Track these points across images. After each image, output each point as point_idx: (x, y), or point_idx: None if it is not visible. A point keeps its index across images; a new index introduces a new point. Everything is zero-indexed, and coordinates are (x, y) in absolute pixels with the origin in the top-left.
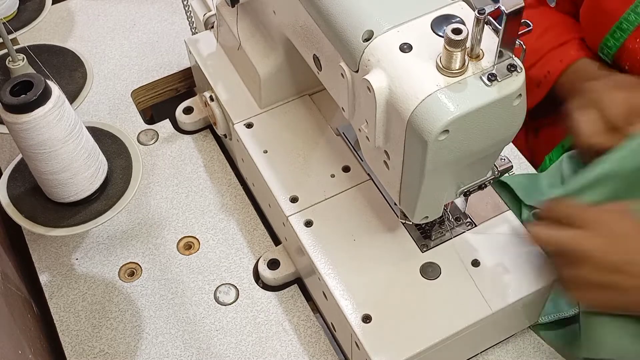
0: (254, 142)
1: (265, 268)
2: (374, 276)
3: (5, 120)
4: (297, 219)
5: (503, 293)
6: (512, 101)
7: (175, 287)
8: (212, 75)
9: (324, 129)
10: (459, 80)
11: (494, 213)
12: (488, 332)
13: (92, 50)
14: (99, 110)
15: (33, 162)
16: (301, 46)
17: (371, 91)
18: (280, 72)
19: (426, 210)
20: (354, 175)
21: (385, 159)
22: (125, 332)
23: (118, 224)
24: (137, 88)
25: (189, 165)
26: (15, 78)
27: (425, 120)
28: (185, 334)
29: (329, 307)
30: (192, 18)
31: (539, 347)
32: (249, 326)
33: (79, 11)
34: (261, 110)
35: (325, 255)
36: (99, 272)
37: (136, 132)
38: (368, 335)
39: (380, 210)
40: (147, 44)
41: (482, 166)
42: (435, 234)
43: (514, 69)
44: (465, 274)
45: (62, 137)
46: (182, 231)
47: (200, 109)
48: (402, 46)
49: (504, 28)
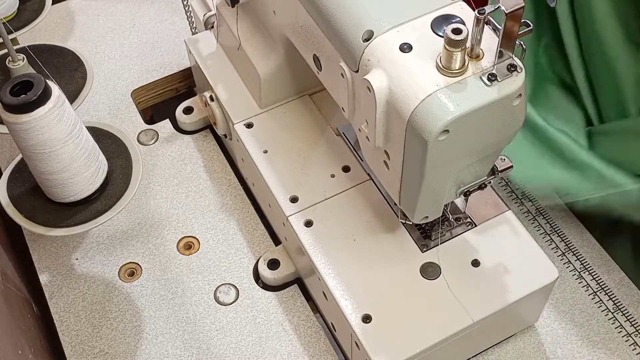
0: (254, 142)
1: (265, 268)
2: (373, 276)
3: (5, 120)
4: (297, 219)
5: (503, 293)
6: (512, 101)
7: (175, 287)
8: (212, 75)
9: (324, 129)
10: (459, 80)
11: (494, 213)
12: (488, 332)
13: (92, 50)
14: (99, 110)
15: (33, 162)
16: (301, 46)
17: (371, 91)
18: (280, 72)
19: (426, 210)
20: (354, 175)
21: (385, 159)
22: (125, 332)
23: (118, 224)
24: (137, 88)
25: (189, 165)
26: (15, 78)
27: (425, 120)
28: (185, 334)
29: (329, 307)
30: (192, 18)
31: (539, 347)
32: (249, 326)
33: (79, 11)
34: (261, 110)
35: (325, 255)
36: (99, 272)
37: (136, 132)
38: (368, 335)
39: (380, 210)
40: (147, 44)
41: (482, 166)
42: (435, 234)
43: (514, 69)
44: (465, 274)
45: (62, 137)
46: (182, 231)
47: (200, 109)
48: (402, 46)
49: (504, 28)
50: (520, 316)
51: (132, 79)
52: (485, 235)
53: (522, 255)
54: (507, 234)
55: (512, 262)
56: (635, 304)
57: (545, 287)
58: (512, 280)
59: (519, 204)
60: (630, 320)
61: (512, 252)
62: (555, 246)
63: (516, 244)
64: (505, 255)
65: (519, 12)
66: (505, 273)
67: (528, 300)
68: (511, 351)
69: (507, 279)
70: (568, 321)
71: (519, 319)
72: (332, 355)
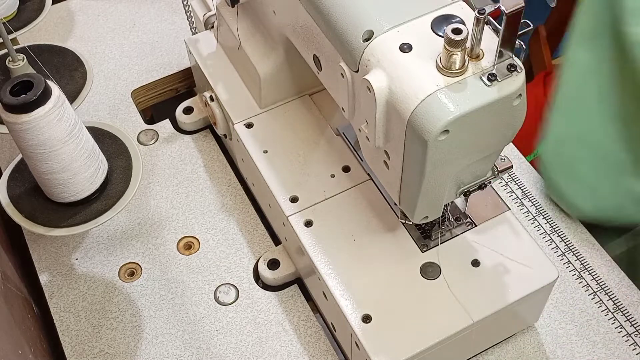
0: (254, 142)
1: (265, 268)
2: (374, 276)
3: (5, 120)
4: (297, 219)
5: (503, 293)
6: (512, 101)
7: (175, 287)
8: (212, 75)
9: (324, 129)
10: (459, 80)
11: (494, 213)
12: (488, 332)
13: (92, 50)
14: (99, 110)
15: (33, 162)
16: (301, 46)
17: (371, 91)
18: (280, 72)
19: (426, 210)
20: (354, 175)
21: (385, 159)
22: (125, 332)
23: (118, 224)
24: (137, 88)
25: (189, 165)
26: (15, 78)
27: (425, 120)
28: (185, 334)
29: (329, 307)
30: (192, 18)
31: (539, 347)
32: (249, 326)
33: (79, 11)
34: (261, 110)
35: (325, 255)
36: (99, 272)
37: (136, 132)
38: (368, 335)
39: (380, 210)
40: (147, 44)
41: (482, 166)
42: (435, 234)
43: (514, 69)
44: (465, 274)
45: (62, 137)
46: (182, 231)
47: (200, 109)
48: (402, 46)
49: (504, 28)
50: (520, 316)
51: (132, 79)
52: (485, 235)
53: (522, 255)
54: (507, 234)
55: (512, 262)
56: (635, 304)
57: (545, 287)
58: (512, 280)
59: (519, 204)
60: (630, 320)
61: (512, 252)
62: (555, 246)
63: (516, 244)
64: (505, 255)
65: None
66: (505, 273)
67: (528, 300)
68: (511, 351)
69: (507, 279)
70: (568, 321)
71: (519, 319)
72: (332, 355)
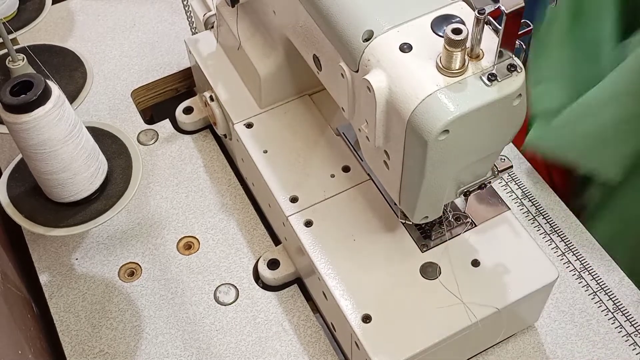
0: (253, 142)
1: (265, 268)
2: (373, 276)
3: (5, 120)
4: (297, 219)
5: (503, 293)
6: (512, 101)
7: (175, 287)
8: (212, 75)
9: (324, 129)
10: (459, 80)
11: (494, 213)
12: (488, 332)
13: (92, 50)
14: (99, 110)
15: (33, 162)
16: (301, 46)
17: (371, 91)
18: (280, 72)
19: (426, 210)
20: (354, 175)
21: (385, 159)
22: (125, 332)
23: (118, 224)
24: (137, 88)
25: (189, 165)
26: (15, 78)
27: (425, 120)
28: (185, 334)
29: (329, 307)
30: (192, 18)
31: (539, 347)
32: (248, 326)
33: (79, 11)
34: (261, 110)
35: (325, 255)
36: (98, 272)
37: (136, 132)
38: (368, 335)
39: (380, 210)
40: (147, 44)
41: (482, 166)
42: (435, 234)
43: (514, 69)
44: (465, 274)
45: (62, 137)
46: (182, 231)
47: (200, 109)
48: (402, 46)
49: (504, 28)
50: (520, 316)
51: (132, 79)
52: (485, 235)
53: (522, 255)
54: (507, 234)
55: (512, 262)
56: (635, 304)
57: (545, 287)
58: (512, 280)
59: (519, 204)
60: (630, 320)
61: (512, 252)
62: (555, 246)
63: (516, 244)
64: (505, 255)
65: (519, 12)
66: (505, 273)
67: (528, 300)
68: (511, 351)
69: (507, 279)
70: (568, 321)
71: (519, 319)
72: (332, 355)
